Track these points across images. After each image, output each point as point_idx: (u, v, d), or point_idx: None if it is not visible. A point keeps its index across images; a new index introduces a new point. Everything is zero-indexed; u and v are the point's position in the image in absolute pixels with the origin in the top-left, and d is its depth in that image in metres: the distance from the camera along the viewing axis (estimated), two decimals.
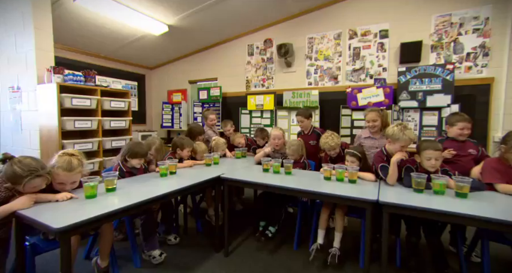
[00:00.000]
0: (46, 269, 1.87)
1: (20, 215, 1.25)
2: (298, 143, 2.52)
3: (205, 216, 2.92)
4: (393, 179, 1.84)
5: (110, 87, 2.78)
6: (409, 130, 1.88)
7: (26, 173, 1.33)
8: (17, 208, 1.28)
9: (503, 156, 1.69)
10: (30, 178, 1.34)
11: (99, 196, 1.54)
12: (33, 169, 1.36)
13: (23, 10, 2.40)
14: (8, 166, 1.35)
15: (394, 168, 1.83)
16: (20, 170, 1.33)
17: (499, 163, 1.71)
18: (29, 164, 1.37)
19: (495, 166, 1.70)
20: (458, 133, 2.04)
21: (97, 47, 4.64)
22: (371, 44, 3.87)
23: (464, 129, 2.02)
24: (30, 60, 2.43)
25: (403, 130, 1.86)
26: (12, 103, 2.70)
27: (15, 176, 1.32)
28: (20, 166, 1.34)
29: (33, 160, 1.41)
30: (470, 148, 2.03)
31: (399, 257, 2.05)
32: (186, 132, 3.02)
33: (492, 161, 1.75)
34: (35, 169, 1.36)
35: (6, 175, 1.34)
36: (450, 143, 2.07)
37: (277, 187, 1.94)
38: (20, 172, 1.32)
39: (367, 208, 1.58)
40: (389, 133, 1.95)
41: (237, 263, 2.08)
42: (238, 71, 4.93)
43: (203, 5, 3.68)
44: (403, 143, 1.85)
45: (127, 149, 2.07)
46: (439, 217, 1.43)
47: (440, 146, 1.81)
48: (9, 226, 1.46)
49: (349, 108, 3.83)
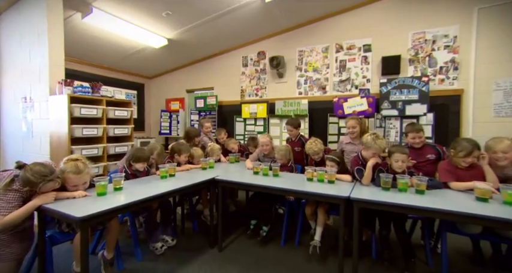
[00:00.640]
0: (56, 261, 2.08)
1: (46, 208, 1.49)
2: (285, 149, 2.78)
3: (201, 216, 3.14)
4: (368, 180, 2.10)
5: (114, 98, 3.04)
6: (381, 140, 2.14)
7: (39, 180, 1.51)
8: (41, 203, 1.51)
9: (452, 159, 1.98)
10: (43, 183, 1.53)
11: (109, 194, 1.77)
12: (44, 175, 1.53)
13: (39, 28, 2.66)
14: (23, 174, 1.53)
15: (369, 171, 2.09)
16: (32, 178, 1.50)
17: (449, 165, 1.99)
18: (39, 171, 1.53)
19: (446, 168, 1.98)
20: (411, 142, 2.32)
21: (100, 59, 4.91)
22: (356, 57, 4.19)
23: (416, 138, 2.29)
24: (43, 74, 2.69)
25: (375, 139, 2.13)
26: (24, 112, 2.93)
27: (30, 183, 1.51)
28: (32, 173, 1.51)
29: (43, 166, 1.58)
30: (429, 154, 2.29)
31: (375, 250, 2.29)
32: (184, 134, 3.27)
33: (444, 164, 2.04)
34: (46, 175, 1.54)
35: (23, 181, 1.53)
36: (410, 151, 2.33)
37: (265, 187, 2.19)
38: (33, 179, 1.50)
39: (340, 204, 1.83)
40: (364, 140, 2.22)
41: (229, 257, 2.31)
42: (233, 81, 5.22)
43: (200, 21, 3.99)
44: (374, 150, 2.12)
45: (131, 154, 2.31)
46: (401, 209, 1.69)
47: (407, 150, 2.08)
48: (31, 217, 1.68)
49: (336, 116, 4.12)
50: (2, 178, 1.55)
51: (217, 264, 2.18)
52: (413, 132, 2.32)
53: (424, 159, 2.31)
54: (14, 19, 2.97)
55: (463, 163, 1.92)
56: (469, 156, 1.86)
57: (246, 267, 2.14)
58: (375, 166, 2.14)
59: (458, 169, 1.96)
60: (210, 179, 2.38)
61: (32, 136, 2.86)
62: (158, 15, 3.72)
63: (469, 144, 1.87)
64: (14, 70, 3.03)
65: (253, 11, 3.88)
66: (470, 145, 1.87)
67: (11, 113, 3.13)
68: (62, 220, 1.73)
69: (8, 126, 3.18)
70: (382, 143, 2.12)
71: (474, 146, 1.86)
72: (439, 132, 3.44)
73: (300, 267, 2.14)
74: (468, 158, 1.87)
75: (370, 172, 2.07)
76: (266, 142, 2.90)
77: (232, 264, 2.19)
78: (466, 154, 1.86)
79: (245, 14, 3.93)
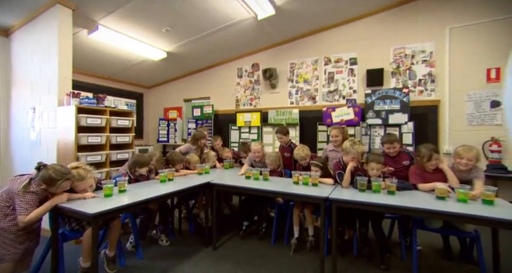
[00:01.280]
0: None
1: (62, 207, 1.70)
2: (275, 155, 3.02)
3: (197, 219, 3.34)
4: (347, 183, 2.33)
5: (117, 108, 3.27)
6: (358, 145, 2.39)
7: (59, 177, 1.73)
8: (58, 202, 1.73)
9: (420, 163, 2.24)
10: (62, 180, 1.74)
11: (114, 195, 1.99)
12: (64, 173, 1.76)
13: (50, 45, 2.91)
14: (44, 172, 1.74)
15: (348, 175, 2.34)
16: (54, 175, 1.72)
17: (418, 168, 2.25)
18: (60, 170, 1.76)
19: (415, 171, 2.24)
20: (386, 151, 2.57)
21: (102, 70, 5.16)
22: (343, 69, 4.50)
23: (390, 148, 2.53)
24: (52, 86, 2.92)
25: (353, 145, 2.38)
26: (32, 122, 3.15)
27: (51, 180, 1.72)
28: (54, 171, 1.73)
29: (62, 166, 1.82)
30: (404, 160, 2.53)
31: (356, 248, 2.51)
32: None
33: (413, 168, 2.30)
34: (65, 173, 1.77)
35: (43, 179, 1.73)
36: (387, 159, 2.56)
37: (256, 189, 2.42)
38: (54, 176, 1.72)
39: (320, 204, 2.06)
40: (343, 146, 2.47)
41: (222, 254, 2.51)
42: (228, 91, 5.50)
43: (198, 36, 4.28)
44: (352, 155, 2.37)
45: (135, 160, 2.53)
46: (374, 208, 1.93)
47: (382, 159, 2.33)
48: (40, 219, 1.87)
49: (325, 124, 4.38)
50: (21, 181, 1.76)
51: (211, 261, 2.38)
52: (387, 143, 2.56)
53: (400, 165, 2.55)
54: (26, 37, 3.23)
55: (430, 166, 2.18)
56: (430, 160, 2.13)
57: (238, 263, 2.34)
58: (354, 171, 2.38)
59: (426, 172, 2.22)
60: (205, 183, 2.60)
61: (40, 144, 3.07)
62: (158, 31, 4.01)
63: (427, 150, 2.16)
64: (24, 83, 3.26)
65: (247, 27, 4.18)
66: (427, 150, 2.16)
67: (20, 122, 3.34)
68: (75, 218, 1.94)
69: (16, 134, 3.38)
70: (359, 148, 2.37)
71: (431, 151, 2.15)
72: (418, 139, 3.70)
73: (288, 263, 2.35)
74: (431, 162, 2.14)
75: (349, 175, 2.31)
76: (258, 149, 3.14)
77: (226, 260, 2.39)
78: (427, 159, 2.13)
79: (239, 30, 4.23)
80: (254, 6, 3.56)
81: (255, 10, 3.67)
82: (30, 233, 1.83)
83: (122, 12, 3.36)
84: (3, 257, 1.71)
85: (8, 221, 1.72)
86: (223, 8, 3.54)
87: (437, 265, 2.29)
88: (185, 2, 3.30)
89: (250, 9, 3.64)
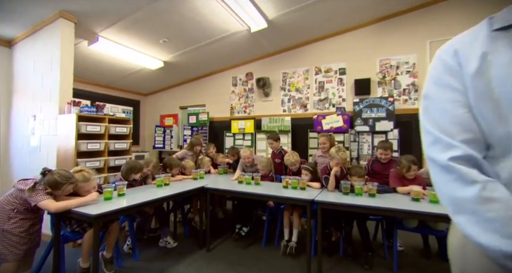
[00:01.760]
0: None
1: None
2: (267, 161, 3.18)
3: (192, 223, 3.45)
4: (332, 187, 2.50)
5: (115, 116, 3.41)
6: (343, 152, 2.57)
7: (64, 181, 1.88)
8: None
9: (399, 169, 2.42)
10: (67, 184, 1.89)
11: (114, 199, 2.12)
12: (68, 178, 1.91)
13: (52, 56, 3.06)
14: (49, 176, 1.88)
15: (332, 179, 2.50)
16: (59, 179, 1.87)
17: (397, 173, 2.44)
18: (65, 174, 1.91)
19: (395, 175, 2.43)
20: (379, 157, 2.76)
21: (100, 78, 5.31)
22: (332, 79, 4.72)
23: (383, 155, 2.72)
24: (53, 95, 3.05)
25: (338, 151, 2.55)
26: (33, 129, 3.26)
27: (57, 183, 1.86)
28: (59, 175, 1.88)
29: (66, 171, 1.96)
30: (392, 167, 2.68)
31: (342, 249, 2.65)
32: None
33: (393, 172, 2.48)
34: (69, 177, 1.91)
35: (49, 183, 1.87)
36: (377, 164, 2.74)
37: (248, 193, 2.57)
38: (60, 180, 1.86)
39: (306, 206, 2.21)
40: (329, 152, 2.64)
41: (216, 256, 2.63)
42: (223, 99, 5.68)
43: (194, 46, 4.47)
44: (337, 161, 2.53)
45: (129, 167, 2.65)
46: (355, 209, 2.10)
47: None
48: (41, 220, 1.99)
49: (316, 131, 4.56)
50: (26, 184, 1.89)
51: (205, 262, 2.50)
52: (382, 148, 2.73)
53: (389, 172, 2.73)
54: (29, 48, 3.37)
55: (409, 176, 2.37)
56: (409, 171, 2.33)
57: (230, 263, 2.47)
58: (340, 176, 2.55)
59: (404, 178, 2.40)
60: (200, 187, 2.73)
61: (40, 151, 3.18)
62: (156, 42, 4.19)
63: (407, 161, 2.35)
64: (25, 92, 3.39)
65: (241, 39, 4.39)
66: (407, 162, 2.35)
67: (20, 129, 3.45)
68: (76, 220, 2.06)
69: (16, 141, 3.49)
70: (343, 154, 2.54)
71: (411, 163, 2.34)
72: (403, 146, 3.90)
73: (277, 264, 2.48)
74: (410, 172, 2.33)
75: (333, 179, 2.48)
76: (247, 155, 3.31)
77: (219, 261, 2.51)
78: (406, 169, 2.33)
79: (234, 41, 4.44)
80: (247, 20, 3.77)
81: (248, 23, 3.88)
82: (31, 235, 1.93)
83: (121, 24, 3.54)
84: (6, 257, 1.81)
85: (12, 223, 1.84)
86: (218, 21, 3.74)
87: (417, 263, 2.45)
88: (182, 16, 3.49)
89: (243, 23, 3.84)
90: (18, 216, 1.84)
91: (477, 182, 0.55)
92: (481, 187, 0.54)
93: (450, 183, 0.59)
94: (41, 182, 1.85)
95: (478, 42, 0.61)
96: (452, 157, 0.59)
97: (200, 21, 3.68)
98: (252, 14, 3.61)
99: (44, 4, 2.89)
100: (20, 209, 1.83)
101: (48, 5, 2.92)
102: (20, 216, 1.85)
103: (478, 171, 0.57)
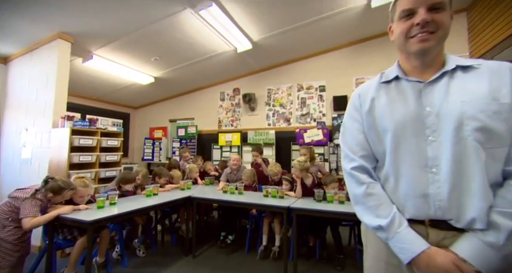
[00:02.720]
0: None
1: (62, 216, 1.99)
2: (250, 172, 3.42)
3: (179, 232, 3.60)
4: (299, 193, 2.80)
5: (107, 129, 3.59)
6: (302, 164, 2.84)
7: (66, 186, 2.10)
8: (62, 213, 2.02)
9: None
10: (68, 190, 2.10)
11: (106, 207, 2.29)
12: (70, 184, 2.14)
13: (49, 72, 3.24)
14: (53, 183, 2.08)
15: (299, 187, 2.80)
16: (63, 185, 2.09)
17: None
18: (67, 181, 2.16)
19: None
20: None
21: (91, 92, 5.48)
22: (313, 95, 5.08)
23: None
24: (47, 110, 3.21)
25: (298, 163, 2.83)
26: (25, 142, 3.39)
27: (60, 189, 2.07)
28: (62, 182, 2.11)
29: (66, 179, 2.21)
30: None
31: (318, 253, 2.88)
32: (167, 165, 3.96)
33: None
34: (70, 184, 2.15)
35: (52, 189, 2.06)
36: None
37: (231, 202, 2.78)
38: (63, 185, 2.09)
39: (283, 212, 2.45)
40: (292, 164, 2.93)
41: (201, 262, 2.80)
42: (211, 113, 5.94)
43: (184, 64, 4.75)
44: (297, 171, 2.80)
45: (121, 178, 2.84)
46: (326, 214, 2.35)
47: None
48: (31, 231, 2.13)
49: (298, 144, 4.85)
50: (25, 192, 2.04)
51: (190, 267, 2.66)
52: None
53: None
54: (25, 64, 3.54)
55: None
56: None
57: (215, 268, 2.64)
58: (312, 186, 2.83)
59: None
60: (187, 197, 2.93)
61: (31, 163, 3.30)
62: (147, 60, 4.45)
63: None
64: (18, 106, 3.53)
65: (228, 57, 4.71)
66: None
67: (11, 142, 3.56)
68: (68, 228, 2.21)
69: (6, 153, 3.59)
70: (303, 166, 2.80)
71: None
72: None
73: (258, 268, 2.67)
74: None
75: (300, 187, 2.81)
76: (236, 157, 3.65)
77: (204, 266, 2.68)
78: None
79: (221, 59, 4.76)
80: (234, 42, 4.11)
81: (235, 44, 4.21)
82: (23, 243, 2.07)
83: (115, 44, 3.78)
84: (0, 264, 1.94)
85: (6, 231, 1.98)
86: (207, 42, 4.05)
87: None
88: (172, 37, 3.78)
89: (230, 44, 4.17)
90: (12, 224, 1.98)
91: (365, 183, 0.83)
92: (367, 186, 0.83)
93: (352, 184, 0.87)
94: (42, 189, 2.03)
95: (371, 90, 0.90)
96: (353, 167, 0.87)
97: (190, 42, 3.98)
98: (238, 37, 3.95)
99: (44, 25, 3.12)
100: (14, 217, 1.97)
101: (48, 26, 3.15)
102: (14, 224, 1.99)
103: (368, 176, 0.85)
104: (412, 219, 0.77)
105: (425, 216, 0.75)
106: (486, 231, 0.67)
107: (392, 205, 0.80)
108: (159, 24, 3.40)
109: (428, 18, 0.76)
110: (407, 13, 0.81)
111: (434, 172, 0.74)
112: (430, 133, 0.76)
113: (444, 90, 0.78)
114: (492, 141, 0.69)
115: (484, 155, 0.69)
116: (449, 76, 0.79)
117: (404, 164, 0.79)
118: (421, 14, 0.77)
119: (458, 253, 0.68)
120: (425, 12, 0.77)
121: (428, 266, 0.69)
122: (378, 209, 0.80)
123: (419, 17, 0.77)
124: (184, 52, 4.30)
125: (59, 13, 2.94)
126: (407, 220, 0.77)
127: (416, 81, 0.83)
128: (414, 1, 0.79)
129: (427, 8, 0.77)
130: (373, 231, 0.84)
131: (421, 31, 0.78)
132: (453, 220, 0.72)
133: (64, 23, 3.14)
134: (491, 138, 0.69)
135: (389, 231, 0.76)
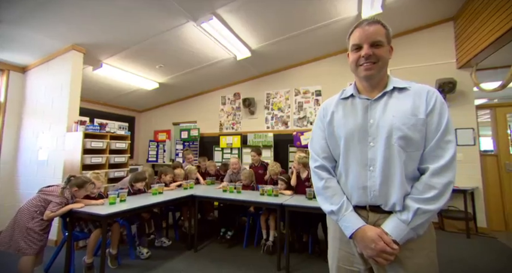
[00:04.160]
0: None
1: (80, 211, 2.27)
2: (249, 172, 3.68)
3: (182, 228, 3.86)
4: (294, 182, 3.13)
5: (116, 133, 3.88)
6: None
7: (88, 180, 2.47)
8: (74, 207, 2.30)
9: None
10: (89, 183, 2.46)
11: (117, 203, 2.56)
12: (89, 179, 2.51)
13: (63, 81, 3.55)
14: (76, 179, 2.43)
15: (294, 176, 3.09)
16: (85, 179, 2.46)
17: None
18: (87, 177, 2.54)
19: None
20: None
21: (98, 97, 5.78)
22: (310, 99, 5.33)
23: None
24: (62, 115, 3.51)
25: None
26: (41, 144, 3.69)
27: (83, 182, 2.42)
28: (84, 178, 2.48)
29: (85, 175, 2.58)
30: None
31: (311, 248, 3.11)
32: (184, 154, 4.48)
33: None
34: (89, 178, 2.52)
35: (77, 183, 2.40)
36: None
37: (230, 199, 3.04)
38: (85, 179, 2.46)
39: (277, 209, 2.70)
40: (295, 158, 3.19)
41: (202, 255, 3.05)
42: (213, 116, 6.21)
43: (187, 70, 5.03)
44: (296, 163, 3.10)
45: (134, 177, 3.12)
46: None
47: None
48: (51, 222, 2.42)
49: (295, 146, 5.10)
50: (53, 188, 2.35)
51: (192, 259, 2.92)
52: None
53: None
54: (42, 74, 3.84)
55: None
56: None
57: (215, 261, 2.89)
58: (307, 180, 3.08)
59: None
60: (189, 195, 3.19)
61: (47, 164, 3.59)
62: (153, 67, 4.74)
63: None
64: (36, 112, 3.83)
65: (229, 64, 4.99)
66: None
67: (28, 145, 3.85)
68: (84, 221, 2.50)
69: (24, 155, 3.88)
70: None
71: None
72: None
73: (254, 260, 2.91)
74: None
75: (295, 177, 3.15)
76: (235, 161, 3.90)
77: (205, 259, 2.93)
78: None
79: (222, 66, 5.03)
80: (233, 50, 4.38)
81: (235, 53, 4.48)
82: (46, 234, 2.36)
83: (123, 53, 4.07)
84: (26, 251, 2.22)
85: (34, 222, 2.26)
86: (208, 51, 4.33)
87: None
88: (176, 47, 4.06)
89: (230, 52, 4.45)
90: (39, 216, 2.27)
91: (324, 179, 1.09)
92: (325, 181, 1.08)
93: (315, 180, 1.12)
94: (67, 186, 2.33)
95: (332, 104, 1.15)
96: (316, 166, 1.12)
97: (192, 51, 4.26)
98: (237, 46, 4.22)
99: (59, 38, 3.42)
100: (42, 211, 2.26)
101: (63, 39, 3.45)
102: (41, 216, 2.27)
103: (327, 173, 1.10)
104: (357, 205, 1.02)
105: (365, 203, 1.00)
106: (402, 212, 0.92)
107: (343, 195, 1.05)
108: (164, 35, 3.68)
109: (370, 53, 1.02)
110: (356, 47, 1.06)
111: (371, 170, 0.99)
112: (371, 140, 1.01)
113: (383, 106, 1.03)
114: (411, 146, 0.94)
115: (404, 157, 0.94)
116: (388, 95, 1.04)
117: (352, 164, 1.04)
118: (365, 48, 1.02)
119: (383, 228, 0.93)
120: (368, 48, 1.02)
121: (362, 237, 0.94)
122: (332, 198, 1.05)
123: (364, 51, 1.03)
124: (187, 60, 4.58)
125: (74, 27, 3.23)
126: (354, 206, 1.02)
127: (366, 99, 1.08)
128: (360, 38, 1.04)
129: (369, 45, 1.02)
130: (329, 216, 1.09)
131: (365, 62, 1.03)
132: (383, 204, 0.97)
133: (77, 35, 3.44)
134: (410, 144, 0.94)
135: (338, 214, 1.01)
